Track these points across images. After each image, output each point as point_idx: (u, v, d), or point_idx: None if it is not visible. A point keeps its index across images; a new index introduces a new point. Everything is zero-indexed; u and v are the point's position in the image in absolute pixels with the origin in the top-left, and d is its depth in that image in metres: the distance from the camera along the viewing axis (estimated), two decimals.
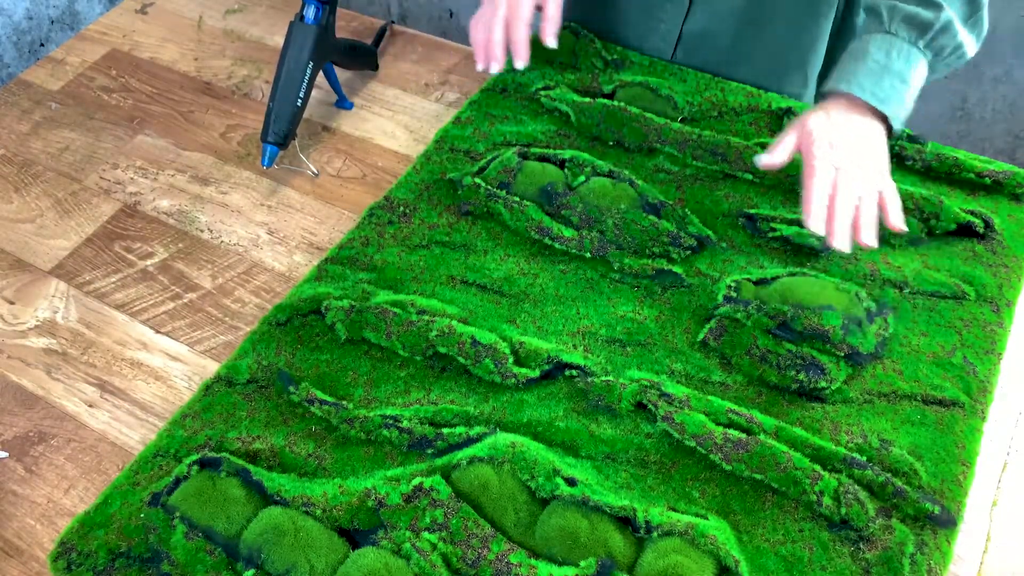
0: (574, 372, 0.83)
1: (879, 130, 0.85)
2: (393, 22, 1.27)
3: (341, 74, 1.17)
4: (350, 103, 1.16)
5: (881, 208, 0.83)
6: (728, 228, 0.96)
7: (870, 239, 0.81)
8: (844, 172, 0.81)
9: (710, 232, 0.95)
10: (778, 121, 1.05)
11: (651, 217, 0.94)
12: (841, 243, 0.80)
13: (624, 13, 1.14)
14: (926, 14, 0.86)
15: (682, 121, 1.06)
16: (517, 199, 0.96)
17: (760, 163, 0.87)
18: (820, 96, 0.91)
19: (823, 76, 1.13)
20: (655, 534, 0.72)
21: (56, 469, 0.83)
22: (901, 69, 0.86)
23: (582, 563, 0.70)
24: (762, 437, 0.76)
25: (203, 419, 0.83)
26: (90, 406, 0.87)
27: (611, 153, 1.04)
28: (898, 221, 0.83)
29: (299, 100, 1.04)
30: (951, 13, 0.87)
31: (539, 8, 0.95)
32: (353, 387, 0.85)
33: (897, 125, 0.86)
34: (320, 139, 1.12)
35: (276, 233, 1.02)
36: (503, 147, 1.04)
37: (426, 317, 0.86)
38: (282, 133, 1.03)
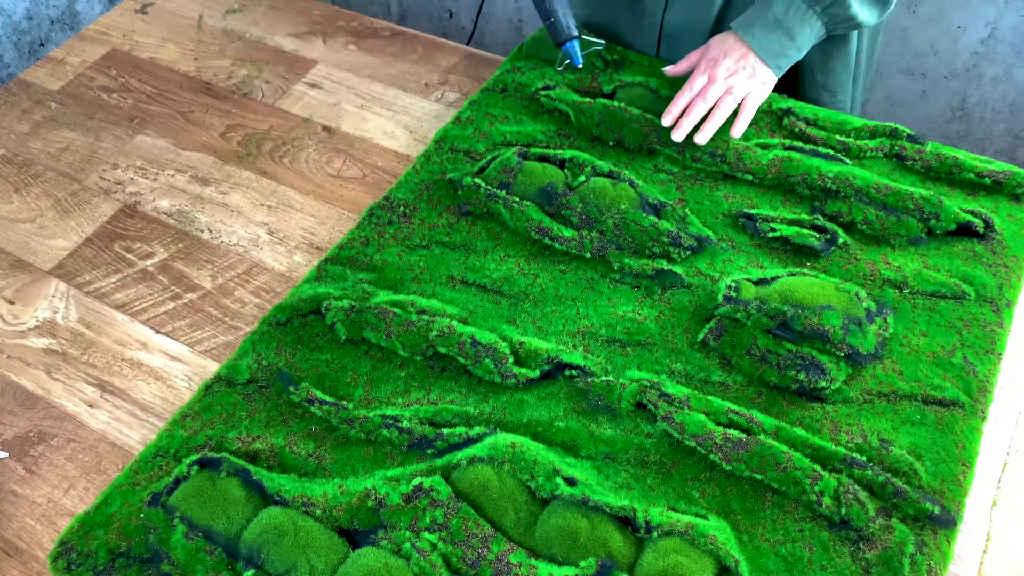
0: (574, 372, 0.83)
1: (762, 70, 1.01)
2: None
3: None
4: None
5: (738, 118, 1.00)
6: (728, 228, 0.96)
7: (702, 139, 0.99)
8: (714, 81, 0.99)
9: (710, 232, 0.95)
10: (778, 121, 1.05)
11: (651, 217, 0.94)
12: (679, 135, 0.99)
13: (613, 10, 1.15)
14: None
15: None
16: (517, 199, 0.96)
17: (666, 70, 1.06)
18: (725, 30, 1.05)
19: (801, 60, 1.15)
20: (655, 534, 0.72)
21: (56, 469, 0.83)
22: (792, 26, 1.00)
23: (582, 563, 0.70)
24: (762, 437, 0.76)
25: (203, 419, 0.83)
26: (90, 406, 0.87)
27: (611, 153, 1.04)
28: (738, 131, 1.00)
29: None
30: None
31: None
32: (353, 387, 0.85)
33: (777, 73, 1.02)
34: (320, 139, 1.12)
35: (276, 233, 1.02)
36: (503, 147, 1.04)
37: (426, 317, 0.86)
38: (574, 25, 1.07)
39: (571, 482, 0.74)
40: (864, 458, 0.76)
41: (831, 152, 1.00)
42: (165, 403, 0.87)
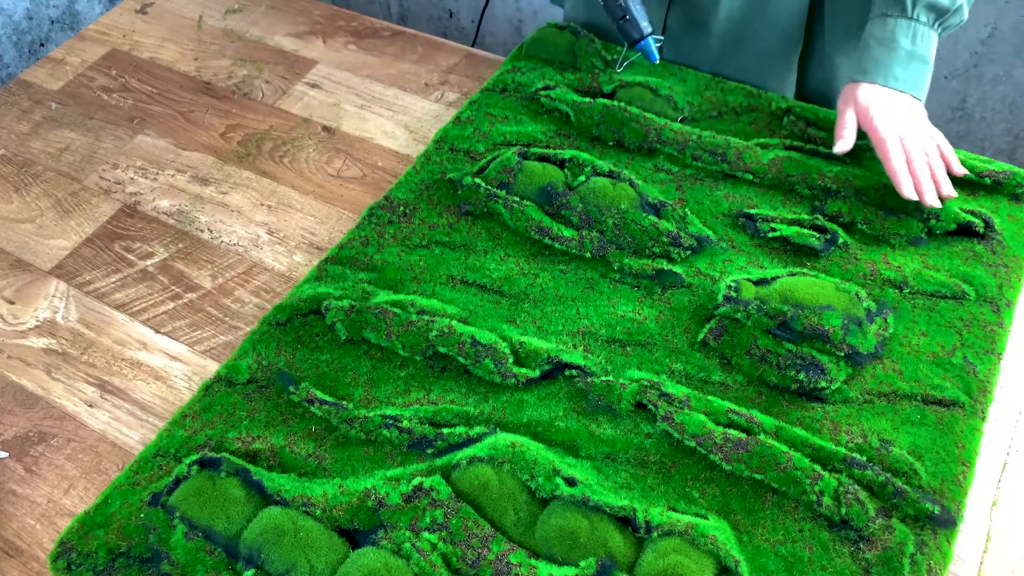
0: (574, 372, 0.83)
1: (916, 102, 0.95)
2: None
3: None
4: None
5: (944, 159, 0.94)
6: (728, 228, 0.96)
7: (950, 190, 0.92)
8: (908, 136, 0.92)
9: (710, 232, 0.95)
10: (778, 121, 1.05)
11: (651, 217, 0.94)
12: (932, 199, 0.90)
13: None
14: (945, 1, 0.93)
15: (682, 121, 1.06)
16: (517, 199, 0.96)
17: (837, 150, 0.95)
18: (846, 82, 0.98)
19: (804, 58, 1.14)
20: (655, 534, 0.72)
21: (56, 469, 0.83)
22: (924, 53, 0.94)
23: (582, 563, 0.70)
24: (762, 437, 0.76)
25: (203, 419, 0.83)
26: (90, 406, 0.87)
27: (611, 153, 1.04)
28: (959, 167, 0.94)
29: None
30: None
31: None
32: (353, 387, 0.85)
33: (923, 101, 0.95)
34: (320, 139, 1.12)
35: (276, 233, 1.02)
36: (503, 147, 1.04)
37: (426, 317, 0.86)
38: (648, 21, 1.05)
39: (571, 482, 0.74)
40: (864, 458, 0.76)
41: (831, 152, 1.00)
42: (165, 403, 0.87)
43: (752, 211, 0.96)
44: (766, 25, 1.09)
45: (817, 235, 0.92)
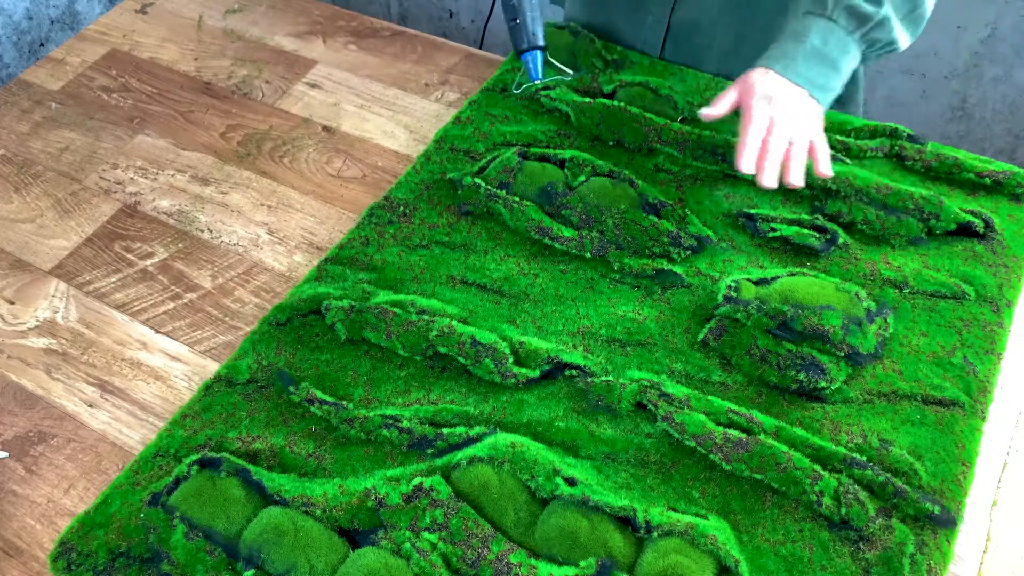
0: (574, 372, 0.83)
1: (811, 102, 0.90)
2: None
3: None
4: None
5: (811, 154, 0.89)
6: (728, 228, 0.96)
7: (797, 180, 0.87)
8: (778, 121, 0.87)
9: (710, 232, 0.95)
10: None
11: (651, 217, 0.94)
12: (769, 180, 0.86)
13: (613, 9, 1.14)
14: (867, 7, 0.90)
15: (682, 121, 1.06)
16: (517, 199, 0.96)
17: (702, 115, 0.92)
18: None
19: None
20: (655, 534, 0.72)
21: (56, 469, 0.83)
22: (836, 57, 0.91)
23: (582, 563, 0.70)
24: (762, 437, 0.76)
25: (203, 419, 0.83)
26: (90, 406, 0.87)
27: (611, 153, 1.04)
28: (826, 168, 0.89)
29: None
30: (890, 10, 0.91)
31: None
32: (353, 387, 0.85)
33: (824, 107, 0.91)
34: (320, 139, 1.12)
35: (276, 233, 1.02)
36: (503, 147, 1.04)
37: (426, 317, 0.86)
38: (541, 34, 0.94)
39: (571, 482, 0.74)
40: (864, 458, 0.76)
41: (831, 152, 1.00)
42: (165, 403, 0.87)
43: (752, 211, 0.96)
44: (767, 25, 1.09)
45: (817, 235, 0.92)
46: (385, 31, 1.27)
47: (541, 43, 0.96)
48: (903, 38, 0.95)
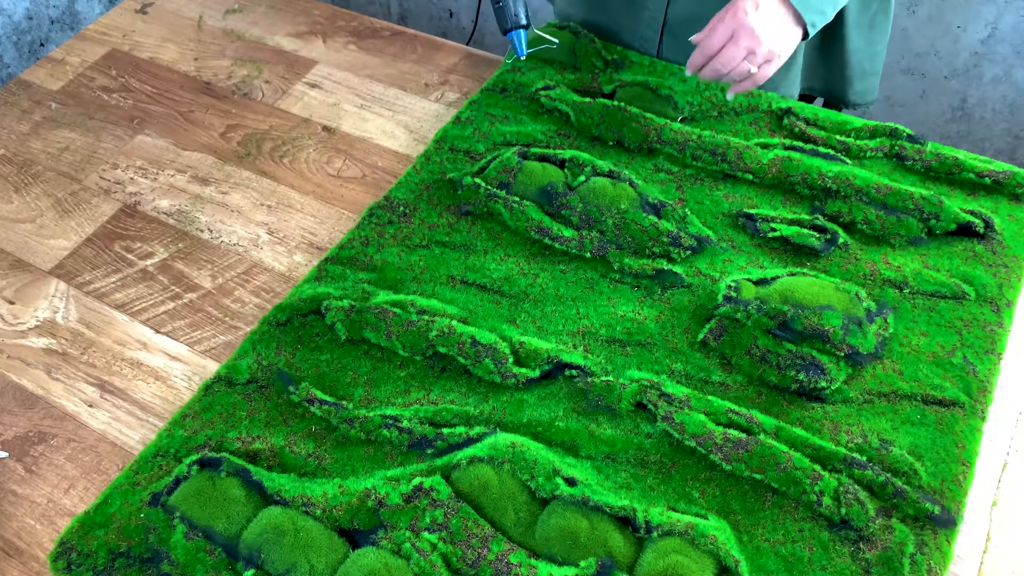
0: (574, 372, 0.83)
1: (793, 35, 0.93)
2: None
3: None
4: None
5: (741, 85, 0.94)
6: (728, 228, 0.96)
7: (730, 94, 0.95)
8: (739, 38, 0.90)
9: (710, 232, 0.95)
10: (778, 121, 1.05)
11: (651, 217, 0.94)
12: (706, 74, 0.92)
13: (610, 7, 1.14)
14: None
15: (682, 121, 1.06)
16: (517, 199, 0.96)
17: (694, 39, 0.95)
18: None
19: (805, 57, 1.13)
20: (655, 534, 0.72)
21: (56, 469, 0.83)
22: None
23: (582, 563, 0.70)
24: (762, 437, 0.76)
25: (203, 419, 0.83)
26: (90, 406, 0.87)
27: (611, 153, 1.04)
28: (731, 94, 0.96)
29: None
30: None
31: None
32: (353, 387, 0.85)
33: (812, 31, 0.93)
34: (320, 139, 1.12)
35: (276, 233, 1.02)
36: (503, 147, 1.04)
37: (426, 317, 0.86)
38: (524, 13, 0.99)
39: (571, 482, 0.74)
40: (864, 458, 0.76)
41: (831, 152, 1.00)
42: (165, 403, 0.87)
43: (752, 211, 0.96)
44: None
45: (817, 235, 0.92)
46: (385, 31, 1.27)
47: (524, 22, 1.01)
48: None
